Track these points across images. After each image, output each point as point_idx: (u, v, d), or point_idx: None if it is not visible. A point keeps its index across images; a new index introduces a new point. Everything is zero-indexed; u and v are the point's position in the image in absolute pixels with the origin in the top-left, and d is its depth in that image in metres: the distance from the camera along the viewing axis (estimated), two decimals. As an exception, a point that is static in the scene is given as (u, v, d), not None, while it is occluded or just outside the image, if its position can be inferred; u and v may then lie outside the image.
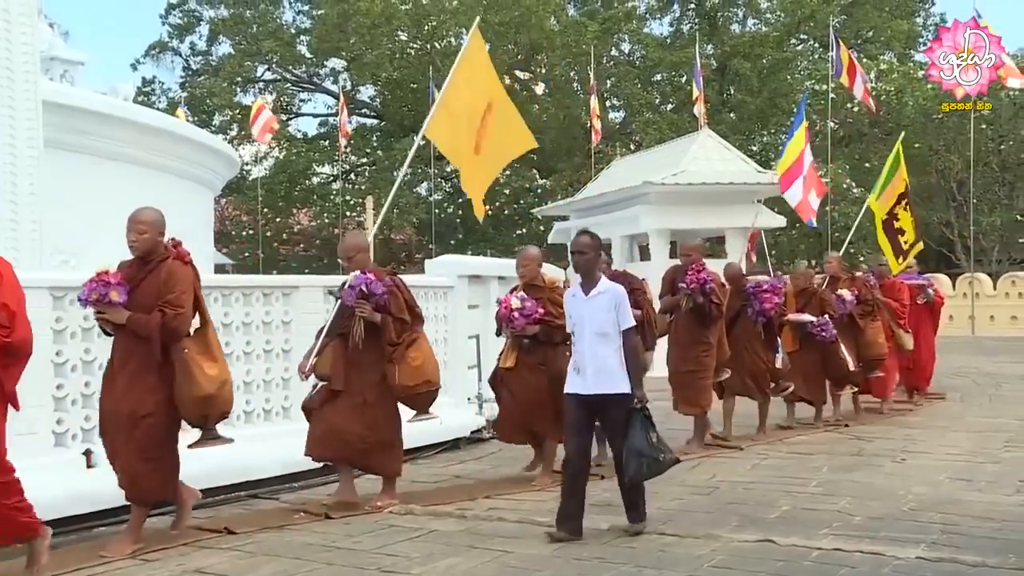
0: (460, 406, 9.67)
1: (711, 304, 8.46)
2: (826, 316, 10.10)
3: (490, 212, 38.29)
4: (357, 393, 6.47)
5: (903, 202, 12.88)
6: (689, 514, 6.37)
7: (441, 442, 8.80)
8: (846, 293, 10.59)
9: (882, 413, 11.22)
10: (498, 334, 7.60)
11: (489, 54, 8.99)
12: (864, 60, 33.87)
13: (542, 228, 31.61)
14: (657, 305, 9.03)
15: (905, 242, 12.68)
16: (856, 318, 10.65)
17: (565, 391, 5.96)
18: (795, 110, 35.47)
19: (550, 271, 8.61)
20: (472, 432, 9.29)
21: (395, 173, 37.00)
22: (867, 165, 32.70)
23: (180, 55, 40.52)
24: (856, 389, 10.98)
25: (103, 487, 6.03)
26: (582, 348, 5.85)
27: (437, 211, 33.48)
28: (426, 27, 35.35)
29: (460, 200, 40.34)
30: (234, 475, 7.08)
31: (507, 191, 37.04)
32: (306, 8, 39.97)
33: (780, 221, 20.15)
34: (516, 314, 7.12)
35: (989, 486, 7.17)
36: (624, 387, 5.78)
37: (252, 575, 5.14)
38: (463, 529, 6.04)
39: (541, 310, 7.21)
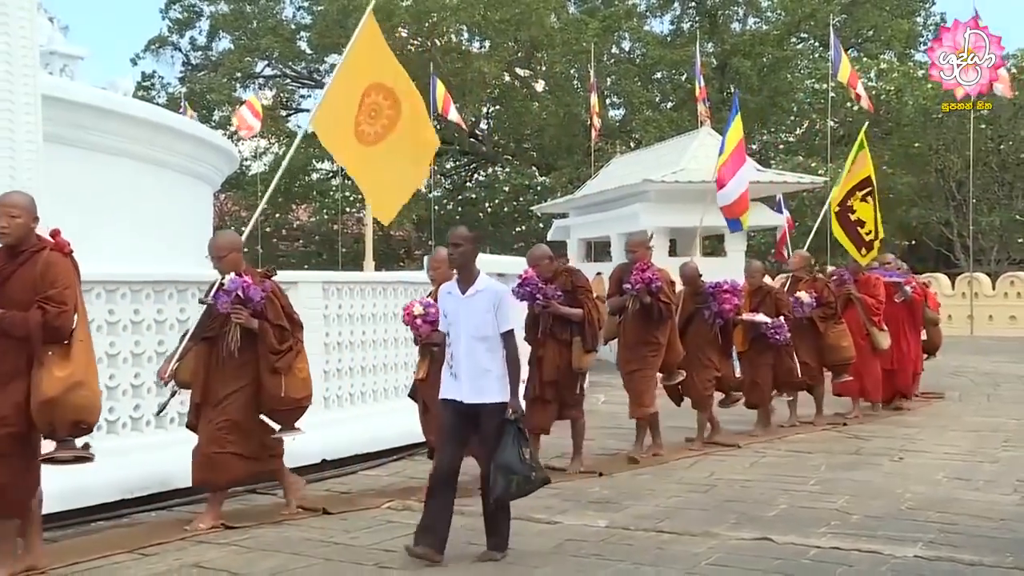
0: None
1: (659, 303, 8.02)
2: (781, 318, 9.60)
3: (489, 209, 38.39)
4: (217, 404, 6.08)
5: (862, 192, 12.11)
6: (687, 512, 6.37)
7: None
8: (804, 295, 10.06)
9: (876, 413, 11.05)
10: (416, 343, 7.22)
11: (490, 51, 8.85)
12: (864, 59, 33.88)
13: (541, 225, 31.59)
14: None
15: (867, 233, 11.99)
16: (817, 321, 10.15)
17: (440, 396, 5.49)
18: (794, 108, 35.57)
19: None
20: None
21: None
22: (867, 164, 32.69)
23: (180, 50, 40.48)
24: (790, 399, 10.26)
25: (101, 481, 6.03)
26: (457, 352, 5.33)
27: (436, 208, 33.46)
28: (426, 24, 35.29)
29: (460, 197, 40.44)
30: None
31: (507, 188, 37.05)
32: (306, 4, 39.90)
33: (780, 219, 20.18)
34: (419, 321, 6.65)
35: (987, 485, 7.18)
36: (500, 396, 5.27)
37: (250, 570, 5.14)
38: (461, 525, 6.02)
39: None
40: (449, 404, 5.39)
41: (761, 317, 9.51)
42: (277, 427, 6.28)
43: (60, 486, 5.97)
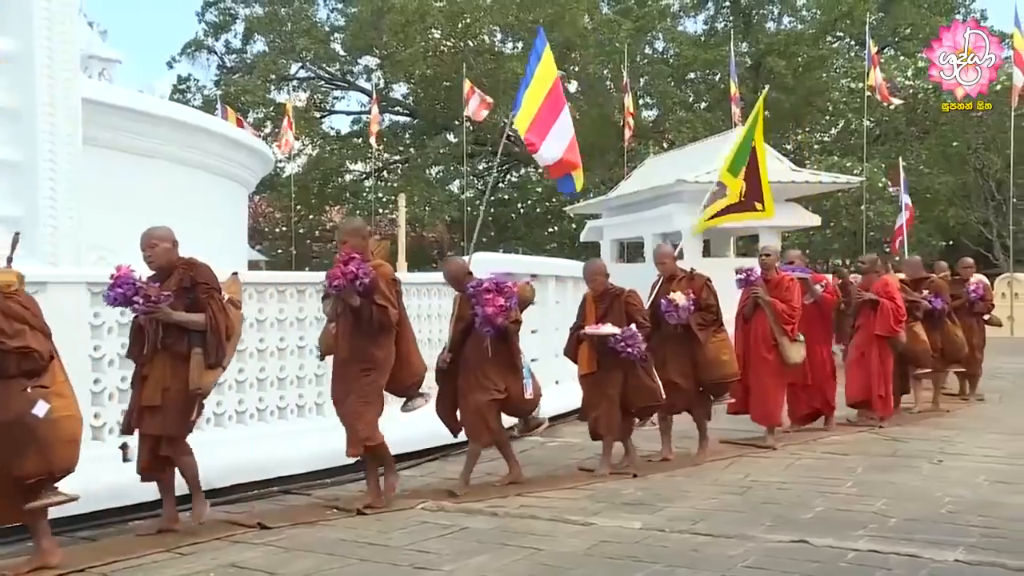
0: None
1: (373, 306, 6.27)
2: (633, 326, 7.56)
3: (522, 210, 38.41)
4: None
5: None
6: (722, 514, 6.32)
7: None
8: (679, 296, 7.95)
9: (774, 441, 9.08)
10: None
11: (523, 52, 9.23)
12: (901, 58, 33.51)
13: (574, 226, 31.57)
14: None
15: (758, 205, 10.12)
16: (695, 329, 8.08)
17: None
18: (830, 108, 35.17)
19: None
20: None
21: (428, 171, 37.25)
22: (904, 164, 32.33)
23: (215, 53, 40.91)
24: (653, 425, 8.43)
25: (139, 481, 6.09)
26: None
27: (469, 208, 33.55)
28: (460, 24, 35.40)
29: (492, 198, 40.48)
30: (266, 471, 7.15)
31: (539, 189, 37.03)
32: (340, 6, 40.19)
33: (815, 220, 20.03)
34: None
35: (1029, 489, 7.06)
36: None
37: (286, 570, 5.16)
38: (495, 527, 6.04)
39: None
40: None
41: (608, 328, 7.57)
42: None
43: (100, 486, 6.06)
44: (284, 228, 37.67)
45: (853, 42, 36.21)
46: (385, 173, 40.13)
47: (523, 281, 7.79)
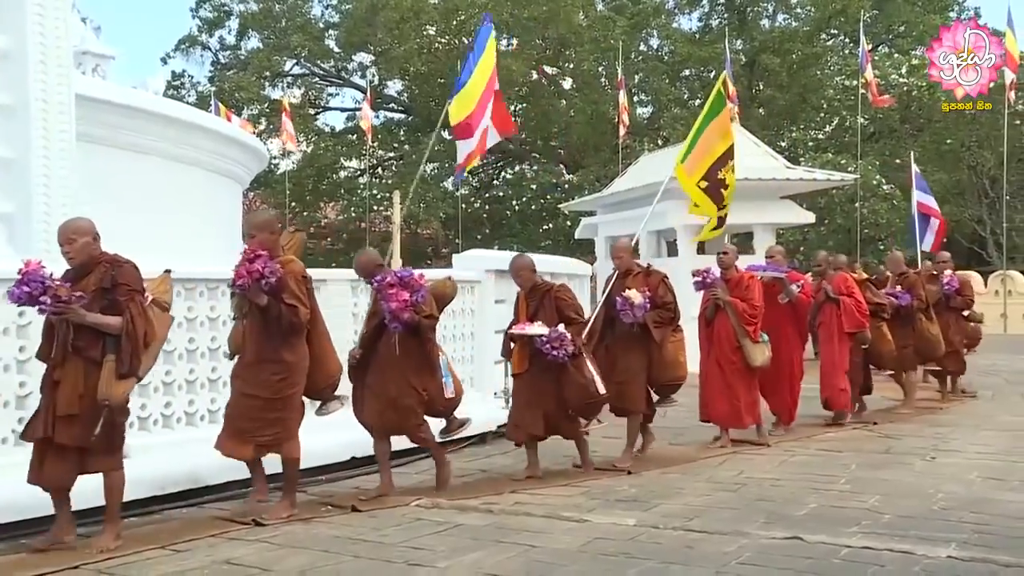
0: (487, 401, 9.71)
1: (282, 305, 5.94)
2: (561, 326, 7.20)
3: (517, 207, 38.40)
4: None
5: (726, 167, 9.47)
6: (716, 510, 6.34)
7: (467, 437, 8.80)
8: (635, 294, 7.71)
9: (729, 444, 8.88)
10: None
11: (517, 49, 8.96)
12: (895, 55, 33.55)
13: (569, 223, 31.56)
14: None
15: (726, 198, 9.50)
16: (651, 328, 7.80)
17: None
18: (824, 105, 35.14)
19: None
20: (499, 427, 9.28)
21: (422, 168, 37.20)
22: (897, 161, 32.35)
23: (209, 49, 40.78)
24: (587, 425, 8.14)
25: (134, 478, 6.08)
26: None
27: (464, 206, 33.52)
28: (454, 21, 35.34)
29: (487, 195, 40.48)
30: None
31: (534, 186, 37.04)
32: (335, 2, 40.09)
33: (809, 218, 20.04)
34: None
35: (1022, 485, 7.08)
36: None
37: (280, 567, 5.16)
38: (489, 523, 6.05)
39: None
40: None
41: (534, 329, 7.22)
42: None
43: (94, 483, 6.04)
44: (279, 225, 37.61)
45: (847, 39, 36.25)
46: (379, 170, 40.08)
47: (443, 277, 7.48)
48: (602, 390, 7.31)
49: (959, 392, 12.52)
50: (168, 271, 5.93)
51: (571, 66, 37.15)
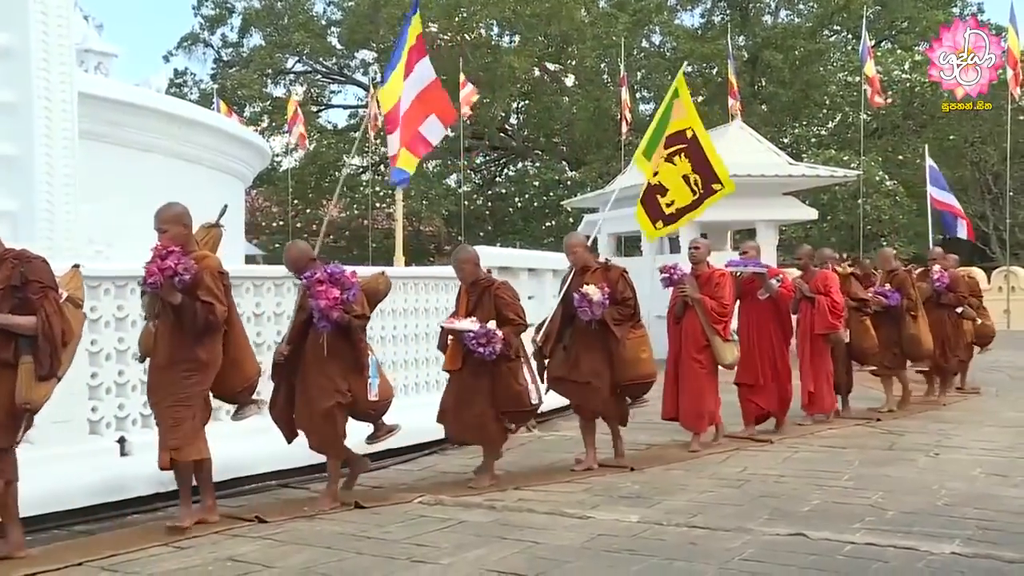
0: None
1: (197, 303, 5.60)
2: (493, 324, 6.83)
3: (519, 204, 38.38)
4: None
5: (669, 150, 9.05)
6: (719, 507, 6.33)
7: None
8: (593, 290, 7.33)
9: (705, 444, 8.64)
10: None
11: (520, 45, 8.81)
12: (898, 51, 33.48)
13: (571, 220, 31.54)
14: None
15: (667, 204, 8.99)
16: (611, 325, 7.41)
17: None
18: (827, 101, 35.13)
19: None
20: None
21: (425, 165, 37.17)
22: (900, 158, 32.35)
23: (212, 47, 40.78)
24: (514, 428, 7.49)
25: (137, 475, 6.09)
26: None
27: (466, 203, 33.50)
28: (457, 18, 35.30)
29: (489, 192, 40.44)
30: (265, 464, 7.14)
31: (536, 183, 37.00)
32: (337, -1, 40.09)
33: (812, 214, 20.03)
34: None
35: (1025, 482, 7.08)
36: None
37: (283, 563, 5.16)
38: (492, 520, 6.05)
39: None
40: None
41: (464, 324, 6.84)
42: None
43: (96, 480, 6.06)
44: (281, 222, 37.61)
45: (850, 36, 36.17)
46: (382, 167, 40.05)
47: (375, 272, 7.09)
48: (535, 400, 7.07)
49: (961, 391, 12.41)
50: (77, 266, 5.62)
51: (573, 63, 37.10)
